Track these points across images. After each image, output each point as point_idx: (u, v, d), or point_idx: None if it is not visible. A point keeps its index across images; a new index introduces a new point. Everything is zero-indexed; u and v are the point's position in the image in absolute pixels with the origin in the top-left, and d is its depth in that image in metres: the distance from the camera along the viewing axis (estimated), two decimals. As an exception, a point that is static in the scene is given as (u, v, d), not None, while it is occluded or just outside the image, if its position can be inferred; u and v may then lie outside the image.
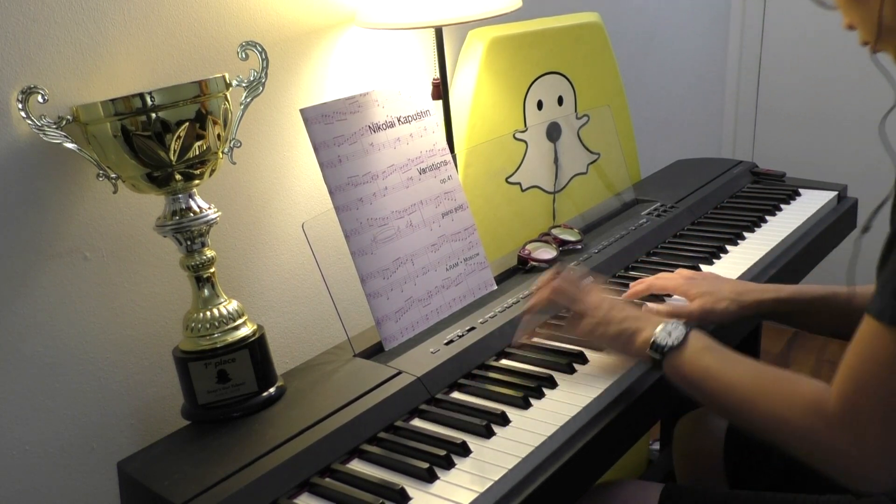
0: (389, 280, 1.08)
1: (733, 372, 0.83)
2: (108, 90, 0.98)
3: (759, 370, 0.83)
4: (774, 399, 0.78)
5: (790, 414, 0.76)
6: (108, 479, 1.04)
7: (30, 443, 0.97)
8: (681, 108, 2.40)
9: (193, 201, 0.96)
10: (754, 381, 0.81)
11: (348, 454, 0.88)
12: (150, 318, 1.07)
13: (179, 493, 0.80)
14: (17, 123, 0.90)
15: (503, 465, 0.82)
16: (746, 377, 0.82)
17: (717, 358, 0.86)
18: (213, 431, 0.92)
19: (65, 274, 0.98)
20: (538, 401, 0.94)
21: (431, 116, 1.20)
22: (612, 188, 1.56)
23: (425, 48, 1.41)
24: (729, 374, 0.83)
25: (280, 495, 0.81)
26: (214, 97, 0.93)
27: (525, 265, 1.28)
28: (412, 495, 0.80)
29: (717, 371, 0.84)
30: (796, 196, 1.59)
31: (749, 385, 0.81)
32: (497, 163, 1.37)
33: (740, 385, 0.82)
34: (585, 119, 1.51)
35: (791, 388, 0.78)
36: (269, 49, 1.05)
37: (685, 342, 0.88)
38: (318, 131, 1.06)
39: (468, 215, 1.21)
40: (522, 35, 1.43)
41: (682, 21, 2.31)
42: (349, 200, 1.07)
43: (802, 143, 2.56)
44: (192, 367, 0.94)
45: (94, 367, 1.02)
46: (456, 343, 1.05)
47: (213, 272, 0.98)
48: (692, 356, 0.87)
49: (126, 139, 0.89)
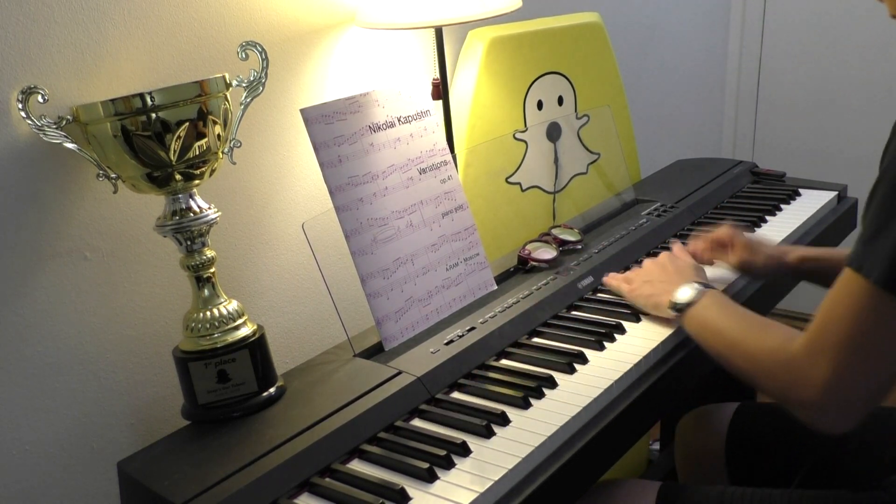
0: (389, 280, 1.08)
1: (726, 320, 0.94)
2: (108, 90, 0.98)
3: (746, 318, 0.92)
4: (750, 341, 0.87)
5: (761, 354, 0.85)
6: (108, 479, 1.04)
7: (30, 443, 0.97)
8: (681, 108, 2.40)
9: (193, 201, 0.96)
10: (739, 326, 0.91)
11: (348, 454, 0.88)
12: (150, 318, 1.07)
13: (179, 493, 0.80)
14: (17, 123, 0.90)
15: (503, 465, 0.82)
16: (734, 324, 0.92)
17: (718, 311, 0.97)
18: (213, 431, 0.92)
19: (65, 274, 0.98)
20: (538, 401, 0.94)
21: (431, 116, 1.20)
22: (612, 188, 1.56)
23: (425, 48, 1.41)
24: (722, 322, 0.94)
25: (280, 495, 0.81)
26: (214, 97, 0.93)
27: (525, 265, 1.28)
28: (412, 495, 0.80)
29: (713, 321, 0.96)
30: (796, 196, 1.59)
31: (734, 330, 0.91)
32: (497, 163, 1.37)
33: (728, 331, 0.92)
34: (585, 119, 1.51)
35: (764, 332, 0.86)
36: (269, 49, 1.05)
37: (698, 300, 1.00)
38: (318, 131, 1.06)
39: (468, 215, 1.21)
40: (522, 35, 1.43)
41: (682, 21, 2.31)
42: (349, 200, 1.07)
43: (803, 143, 2.56)
44: (192, 367, 0.94)
45: (94, 367, 1.02)
46: (456, 343, 1.05)
47: (213, 272, 0.98)
48: (701, 311, 0.99)
49: (126, 139, 0.89)
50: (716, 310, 0.97)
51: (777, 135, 2.62)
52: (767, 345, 0.84)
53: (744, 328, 0.90)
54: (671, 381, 1.03)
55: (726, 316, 0.95)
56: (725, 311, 0.96)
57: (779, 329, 0.85)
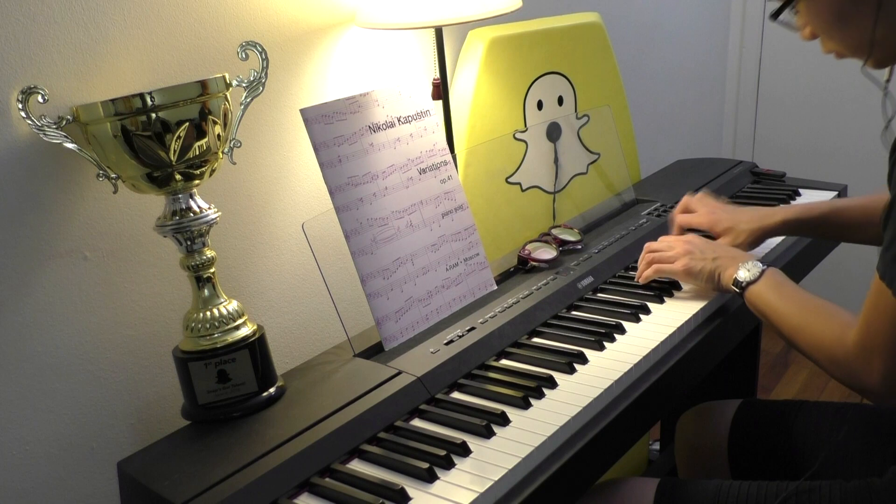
0: (389, 280, 1.08)
1: (788, 304, 0.99)
2: (108, 90, 0.98)
3: (807, 302, 0.98)
4: (814, 328, 0.94)
5: (824, 341, 0.92)
6: (108, 479, 1.04)
7: (30, 443, 0.97)
8: (681, 108, 2.40)
9: (193, 201, 0.96)
10: (801, 311, 0.97)
11: (348, 454, 0.88)
12: (150, 318, 1.07)
13: (179, 493, 0.80)
14: (17, 123, 0.90)
15: (503, 465, 0.82)
16: (796, 308, 0.98)
17: (779, 292, 1.02)
18: (213, 431, 0.92)
19: (65, 274, 0.98)
20: (538, 401, 0.94)
21: (431, 116, 1.20)
22: (612, 188, 1.56)
23: (425, 48, 1.41)
24: (785, 305, 0.99)
25: (280, 495, 0.81)
26: (214, 97, 0.93)
27: (525, 265, 1.28)
28: (412, 495, 0.80)
29: (776, 303, 1.01)
30: (796, 196, 1.59)
31: (797, 315, 0.97)
32: (497, 163, 1.37)
33: (791, 315, 0.98)
34: (585, 119, 1.51)
35: (826, 320, 0.93)
36: (270, 49, 1.05)
37: (759, 278, 1.04)
38: (318, 131, 1.06)
39: (468, 215, 1.21)
40: (522, 35, 1.43)
41: (682, 21, 2.31)
42: (349, 200, 1.07)
43: (803, 143, 2.56)
44: (192, 367, 0.94)
45: (94, 367, 1.02)
46: (456, 343, 1.05)
47: (214, 272, 0.98)
48: (763, 290, 1.03)
49: (126, 139, 0.89)
50: (776, 291, 1.02)
51: (777, 135, 2.62)
52: (827, 335, 0.92)
53: (805, 314, 0.96)
54: (671, 380, 1.03)
55: (787, 298, 1.00)
56: (786, 293, 1.01)
57: (836, 317, 0.92)
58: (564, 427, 0.89)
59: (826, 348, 0.92)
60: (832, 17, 0.86)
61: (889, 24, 0.82)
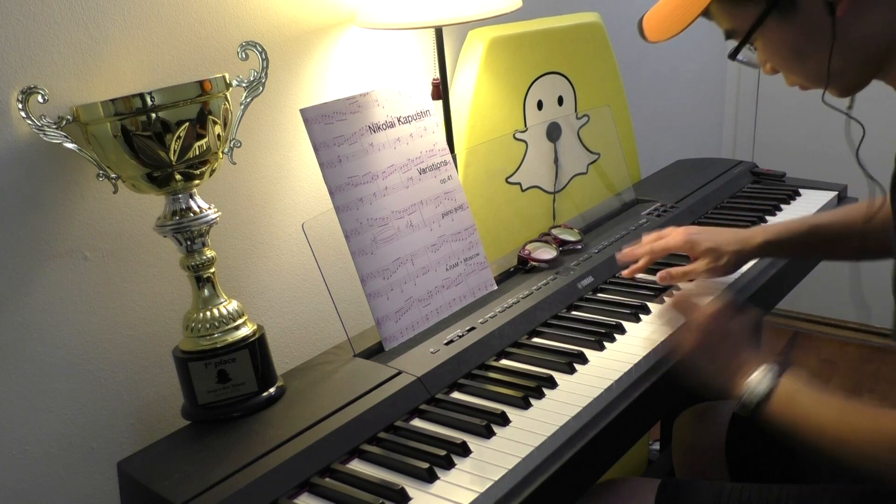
0: (389, 280, 1.08)
1: (820, 415, 0.86)
2: (108, 90, 0.98)
3: (844, 410, 0.86)
4: (861, 438, 0.83)
5: (877, 451, 0.81)
6: (108, 479, 1.04)
7: (30, 443, 0.97)
8: (681, 107, 2.40)
9: (193, 201, 0.96)
10: (840, 421, 0.85)
11: (348, 454, 0.88)
12: (150, 318, 1.07)
13: (179, 493, 0.80)
14: (17, 123, 0.90)
15: (503, 465, 0.82)
16: (832, 418, 0.86)
17: (804, 403, 0.88)
18: (213, 431, 0.92)
19: (65, 274, 0.98)
20: (538, 401, 0.94)
21: (431, 116, 1.20)
22: (612, 188, 1.56)
23: (425, 48, 1.41)
24: (817, 417, 0.86)
25: (280, 495, 0.81)
26: (214, 97, 0.93)
27: (525, 265, 1.28)
28: (412, 495, 0.80)
29: (805, 417, 0.87)
30: (796, 196, 1.59)
31: (836, 426, 0.85)
32: (497, 163, 1.37)
33: (829, 427, 0.85)
34: (585, 119, 1.51)
35: (874, 427, 0.82)
36: (270, 49, 1.05)
37: (773, 392, 0.89)
38: (318, 131, 1.06)
39: (468, 215, 1.21)
40: (522, 35, 1.43)
41: (682, 21, 2.30)
42: (349, 200, 1.07)
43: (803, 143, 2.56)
44: (192, 367, 0.94)
45: (94, 367, 1.02)
46: (456, 343, 1.05)
47: (213, 272, 0.98)
48: (782, 405, 0.89)
49: (126, 139, 0.89)
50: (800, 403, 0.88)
51: (777, 135, 2.62)
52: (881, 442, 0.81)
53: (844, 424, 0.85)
54: (671, 381, 1.03)
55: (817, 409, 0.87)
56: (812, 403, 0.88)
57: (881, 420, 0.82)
58: (564, 427, 0.89)
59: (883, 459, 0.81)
60: (789, 53, 0.87)
61: (844, 55, 0.83)
